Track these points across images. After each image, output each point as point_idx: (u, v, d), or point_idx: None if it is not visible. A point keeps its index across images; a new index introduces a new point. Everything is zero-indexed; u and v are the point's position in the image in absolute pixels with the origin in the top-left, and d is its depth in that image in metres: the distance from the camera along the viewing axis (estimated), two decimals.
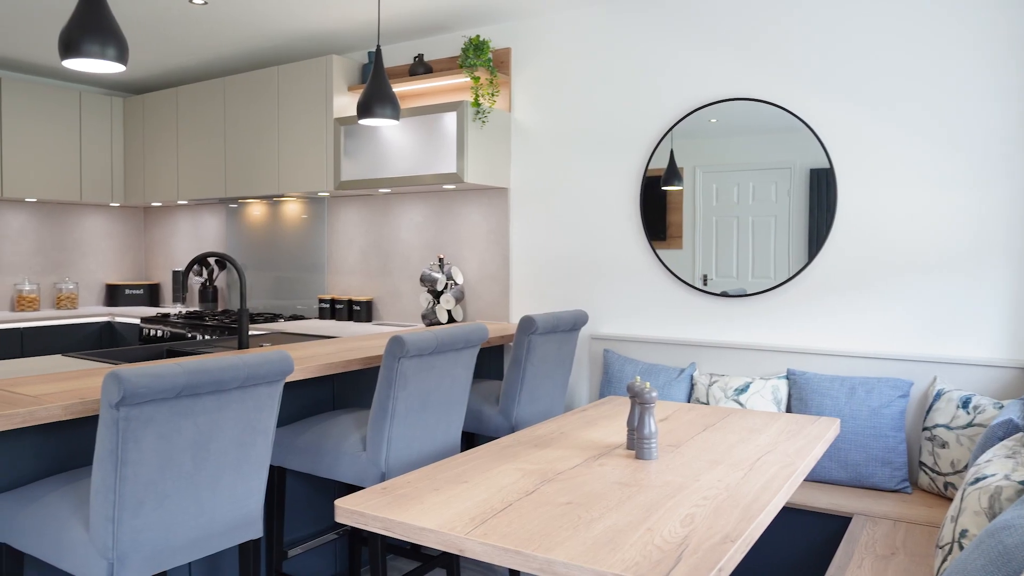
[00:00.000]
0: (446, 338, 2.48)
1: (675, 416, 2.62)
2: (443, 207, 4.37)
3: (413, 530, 1.57)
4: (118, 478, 1.72)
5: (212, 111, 5.02)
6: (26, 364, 2.82)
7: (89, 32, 2.16)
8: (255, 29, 4.27)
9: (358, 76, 4.49)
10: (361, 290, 4.74)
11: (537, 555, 1.41)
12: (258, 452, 2.02)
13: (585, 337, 3.91)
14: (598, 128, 3.85)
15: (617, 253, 3.81)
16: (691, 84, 3.58)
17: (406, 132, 3.97)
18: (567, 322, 3.20)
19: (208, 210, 5.69)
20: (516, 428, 3.10)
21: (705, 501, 1.71)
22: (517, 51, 4.10)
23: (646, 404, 2.05)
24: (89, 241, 5.89)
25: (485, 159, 3.91)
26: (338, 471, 2.52)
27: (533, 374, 3.11)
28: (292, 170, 4.53)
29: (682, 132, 3.61)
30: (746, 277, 3.48)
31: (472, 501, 1.69)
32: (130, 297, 5.82)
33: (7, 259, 5.42)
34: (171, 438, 1.79)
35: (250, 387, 1.93)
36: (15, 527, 1.95)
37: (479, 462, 2.01)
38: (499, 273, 4.16)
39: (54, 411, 1.90)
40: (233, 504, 1.99)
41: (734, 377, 3.31)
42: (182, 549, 1.89)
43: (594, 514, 1.62)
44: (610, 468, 1.97)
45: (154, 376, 1.69)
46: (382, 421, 2.41)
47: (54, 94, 5.28)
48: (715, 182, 3.56)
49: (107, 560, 1.75)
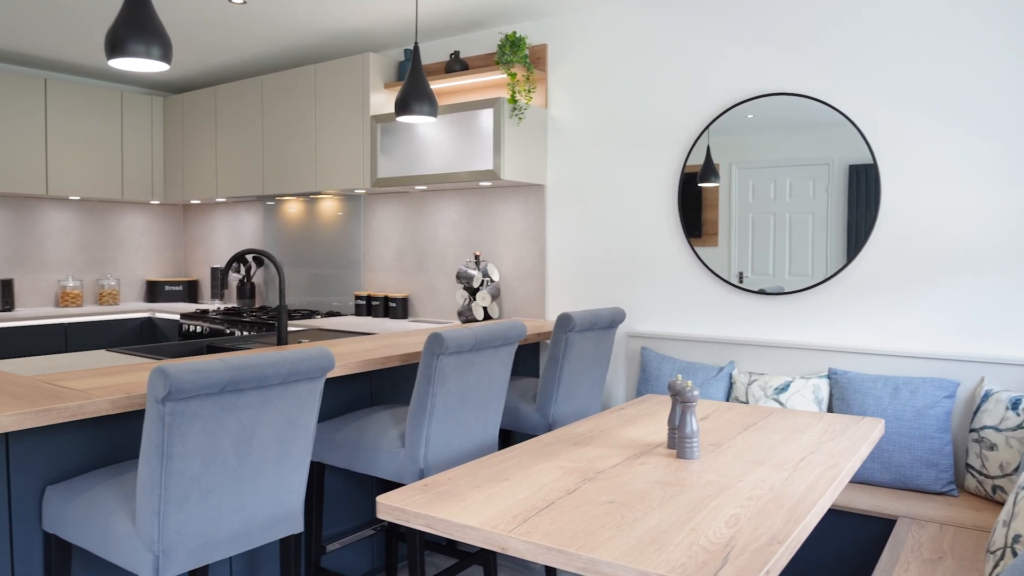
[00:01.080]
0: (485, 335, 2.48)
1: (715, 415, 2.59)
2: (479, 204, 4.37)
3: (455, 527, 1.56)
4: (164, 472, 1.74)
5: (250, 109, 5.07)
6: (71, 359, 2.87)
7: (134, 32, 2.19)
8: (292, 28, 4.31)
9: (394, 74, 4.51)
10: (397, 287, 4.75)
11: (581, 554, 1.40)
12: (299, 448, 2.03)
13: (622, 335, 3.89)
14: (635, 124, 3.82)
15: (654, 250, 3.78)
16: (730, 79, 3.54)
17: (442, 129, 3.97)
18: (605, 319, 3.18)
19: (246, 207, 5.76)
20: (553, 426, 3.09)
21: (749, 502, 1.69)
22: (553, 47, 4.08)
23: (688, 403, 2.03)
24: (130, 238, 5.99)
25: (521, 156, 3.90)
26: (376, 467, 2.52)
27: (570, 371, 3.09)
28: (329, 167, 4.56)
29: (719, 128, 3.56)
30: (783, 275, 3.44)
31: (514, 499, 1.69)
32: (169, 293, 5.91)
33: (52, 256, 5.53)
34: (215, 433, 1.80)
35: (292, 383, 1.94)
36: (64, 519, 1.98)
37: (519, 460, 2.00)
38: (535, 270, 4.15)
39: (101, 405, 1.93)
40: (275, 499, 2.00)
41: (774, 376, 3.26)
42: (225, 543, 1.91)
43: (637, 514, 1.60)
44: (651, 467, 1.95)
45: (199, 372, 1.71)
46: (421, 418, 2.41)
47: (97, 94, 5.37)
48: (752, 179, 3.51)
49: (152, 553, 1.77)
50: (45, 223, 5.50)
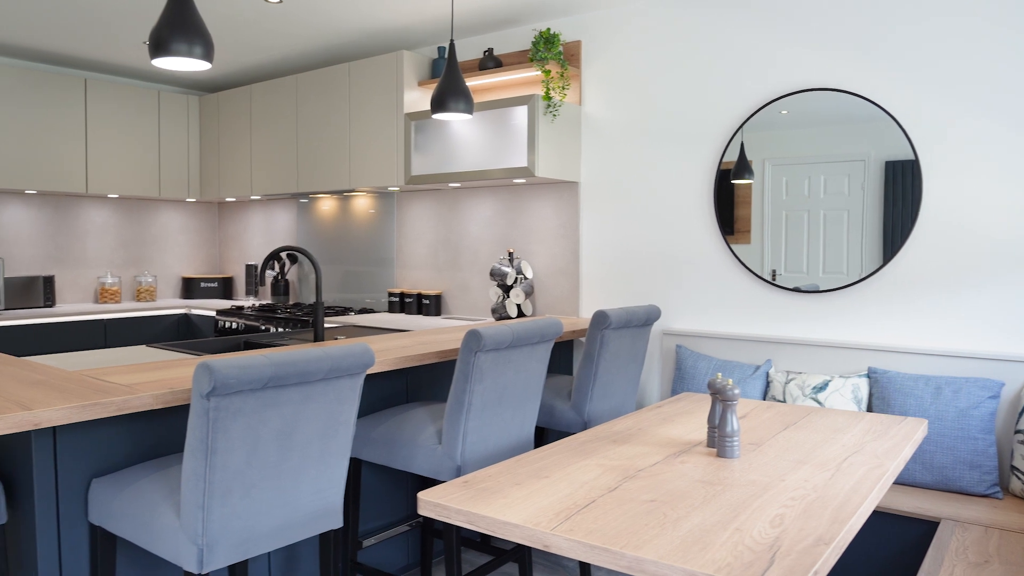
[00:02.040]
0: (522, 332, 2.47)
1: (753, 414, 2.56)
2: (512, 201, 4.37)
3: (497, 524, 1.56)
4: (208, 467, 1.76)
5: (285, 108, 5.11)
6: (114, 354, 2.92)
7: (177, 31, 2.21)
8: (327, 26, 4.34)
9: (428, 71, 4.52)
10: (430, 284, 4.77)
11: (626, 553, 1.39)
12: (339, 443, 2.05)
13: (656, 332, 3.86)
14: (669, 121, 3.80)
15: (689, 247, 3.75)
16: (766, 74, 3.50)
17: (476, 126, 3.97)
18: (640, 317, 3.17)
19: (280, 205, 5.81)
20: (588, 423, 3.08)
21: (793, 502, 1.67)
22: (587, 44, 4.07)
23: (728, 401, 2.01)
24: (166, 236, 6.07)
25: (556, 153, 3.89)
26: (414, 464, 2.53)
27: (606, 369, 3.08)
28: (363, 165, 4.59)
29: (752, 124, 3.53)
30: (817, 272, 3.39)
31: (555, 496, 1.68)
32: (205, 290, 5.98)
33: (91, 253, 5.63)
34: (258, 428, 1.82)
35: (333, 379, 1.95)
36: (109, 511, 2.01)
37: (558, 457, 2.00)
38: (569, 267, 4.14)
39: (146, 400, 1.96)
40: (315, 494, 2.02)
41: (812, 375, 3.22)
42: (267, 537, 1.92)
43: (679, 512, 1.59)
44: (691, 466, 1.94)
45: (243, 367, 1.73)
46: (458, 415, 2.42)
47: (135, 94, 5.45)
48: (785, 175, 3.47)
49: (197, 546, 1.79)
50: (85, 221, 5.59)
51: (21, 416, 1.73)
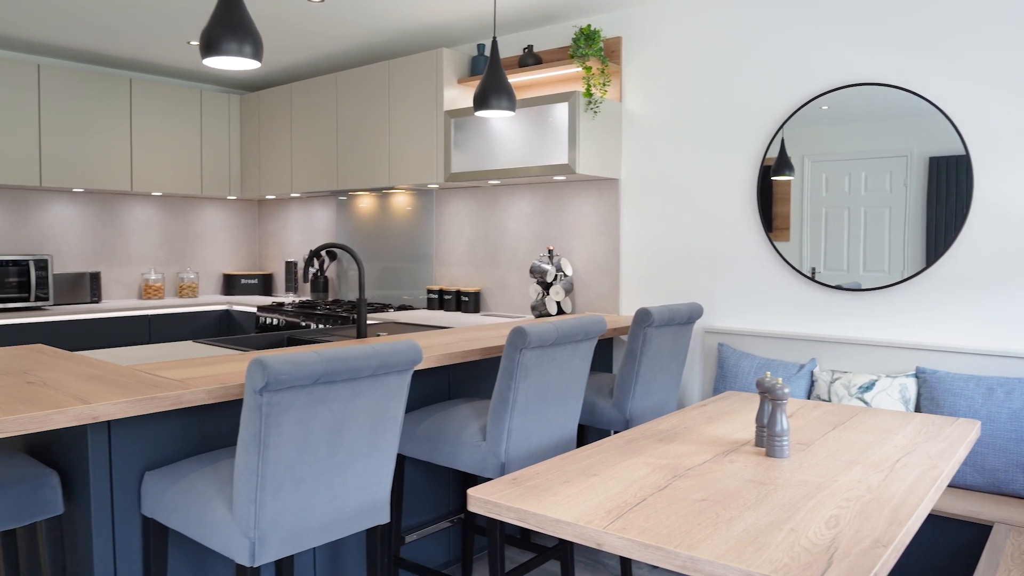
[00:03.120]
0: (566, 329, 2.47)
1: (800, 413, 2.53)
2: (552, 198, 4.36)
3: (548, 522, 1.56)
4: (260, 461, 1.78)
5: (324, 106, 5.15)
6: (164, 349, 2.97)
7: (228, 31, 2.24)
8: (367, 25, 4.36)
9: (467, 68, 4.53)
10: (469, 281, 4.78)
11: (680, 552, 1.38)
12: (387, 440, 2.06)
13: (698, 330, 3.83)
14: (711, 117, 3.76)
15: (731, 245, 3.71)
16: (811, 70, 3.45)
17: (516, 124, 3.97)
18: (683, 315, 3.14)
19: (319, 202, 5.86)
20: (630, 421, 3.06)
21: (847, 503, 1.64)
22: (628, 40, 4.04)
23: (778, 400, 1.99)
24: (208, 233, 6.16)
25: (596, 150, 3.88)
26: (458, 460, 2.54)
27: (648, 367, 3.06)
28: (402, 162, 4.61)
29: (792, 120, 3.49)
30: (857, 270, 3.34)
31: (605, 495, 1.68)
32: (245, 286, 6.06)
33: (135, 250, 5.73)
34: (308, 424, 1.84)
35: (382, 375, 1.97)
36: (162, 504, 2.05)
37: (605, 455, 1.99)
38: (608, 265, 4.13)
39: (199, 395, 1.99)
40: (363, 490, 2.03)
41: (857, 374, 3.17)
42: (316, 531, 1.94)
43: (732, 512, 1.57)
44: (741, 465, 1.92)
45: (295, 363, 1.74)
46: (503, 412, 2.42)
47: (178, 93, 5.53)
48: (825, 171, 3.42)
49: (249, 539, 1.82)
50: (129, 219, 5.69)
51: (80, 410, 1.77)
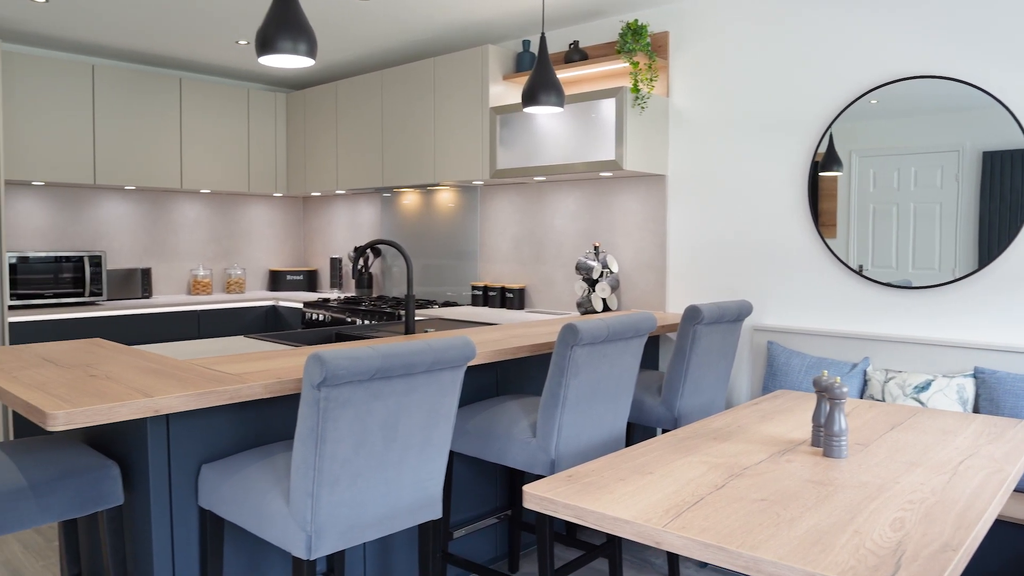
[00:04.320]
0: (617, 326, 2.46)
1: (855, 413, 2.49)
2: (598, 195, 4.34)
3: (607, 520, 1.55)
4: (317, 455, 1.80)
5: (370, 104, 5.19)
6: (216, 344, 3.02)
7: (283, 29, 2.26)
8: (412, 22, 4.38)
9: (512, 65, 4.52)
10: (513, 277, 4.78)
11: (742, 552, 1.36)
12: (440, 435, 2.07)
13: (746, 328, 3.79)
14: (760, 112, 3.71)
15: (780, 242, 3.66)
16: (862, 63, 3.38)
17: (562, 120, 3.96)
18: (732, 312, 3.11)
19: (363, 199, 5.91)
20: (679, 419, 3.04)
21: (912, 505, 1.61)
22: (675, 34, 4.00)
23: (836, 400, 1.95)
24: (254, 229, 6.25)
25: (643, 146, 3.85)
26: (507, 456, 2.54)
27: (697, 365, 3.03)
28: (448, 159, 4.63)
29: (840, 115, 3.42)
30: (906, 267, 3.27)
31: (662, 493, 1.66)
32: (291, 282, 6.13)
33: (184, 246, 5.83)
34: (364, 419, 1.85)
35: (436, 371, 1.97)
36: (218, 496, 2.08)
37: (659, 453, 1.97)
38: (655, 261, 4.09)
39: (256, 389, 2.02)
40: (416, 485, 2.05)
41: (912, 374, 3.11)
42: (371, 526, 1.96)
43: (793, 513, 1.55)
44: (798, 465, 1.89)
45: (352, 359, 1.76)
46: (553, 408, 2.41)
47: (226, 92, 5.62)
48: (872, 167, 3.36)
49: (306, 533, 1.84)
50: (179, 215, 5.80)
51: (143, 403, 1.81)
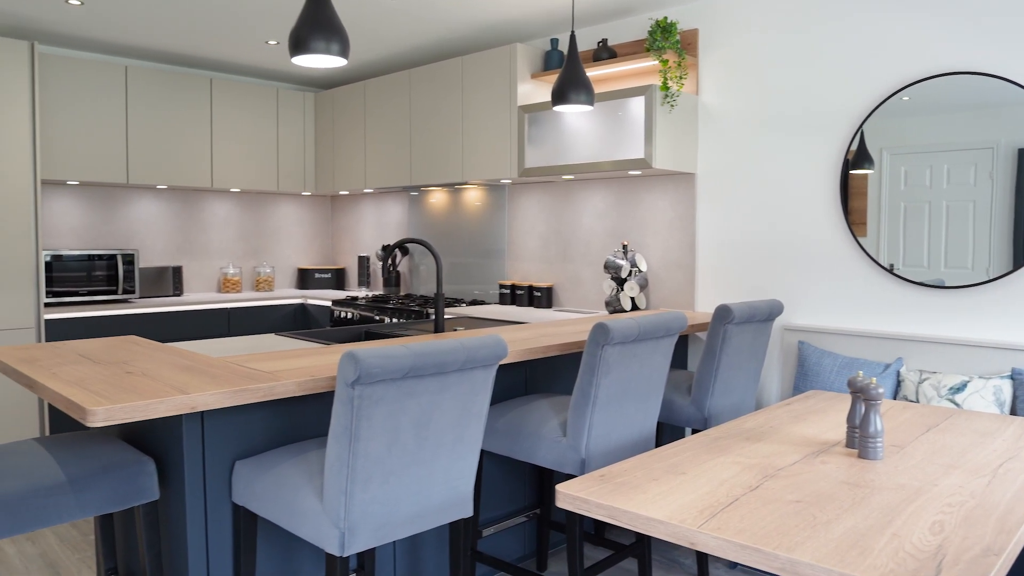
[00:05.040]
0: (648, 326, 2.45)
1: (890, 414, 2.46)
2: (626, 193, 4.32)
3: (640, 520, 1.55)
4: (351, 453, 1.81)
5: (398, 103, 5.21)
6: (248, 342, 3.05)
7: (316, 30, 2.28)
8: (440, 21, 4.39)
9: (540, 63, 4.52)
10: (541, 276, 4.78)
11: (779, 554, 1.35)
12: (472, 434, 2.07)
13: (777, 328, 3.75)
14: (792, 110, 3.67)
15: (811, 241, 3.62)
16: (896, 59, 3.33)
17: (591, 118, 3.95)
18: (763, 312, 3.08)
19: (391, 198, 5.94)
20: (708, 419, 3.02)
21: (951, 508, 1.59)
22: (705, 31, 3.98)
23: (872, 401, 1.93)
24: (283, 228, 6.30)
25: (672, 144, 3.83)
26: (537, 455, 2.54)
27: (727, 365, 3.01)
28: (476, 158, 4.63)
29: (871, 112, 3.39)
30: (938, 266, 3.22)
31: (695, 493, 1.65)
32: (319, 280, 6.18)
33: (215, 245, 5.90)
34: (397, 417, 1.86)
35: (468, 370, 1.98)
36: (252, 492, 2.10)
37: (692, 453, 1.96)
38: (684, 260, 4.07)
39: (289, 387, 2.03)
40: (448, 483, 2.05)
41: (948, 375, 3.06)
42: (403, 524, 1.97)
43: (829, 515, 1.54)
44: (833, 466, 1.87)
45: (385, 357, 1.77)
46: (584, 408, 2.41)
47: (255, 92, 5.67)
48: (904, 164, 3.31)
49: (339, 530, 1.85)
50: (209, 214, 5.86)
51: (180, 400, 1.83)
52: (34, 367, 2.23)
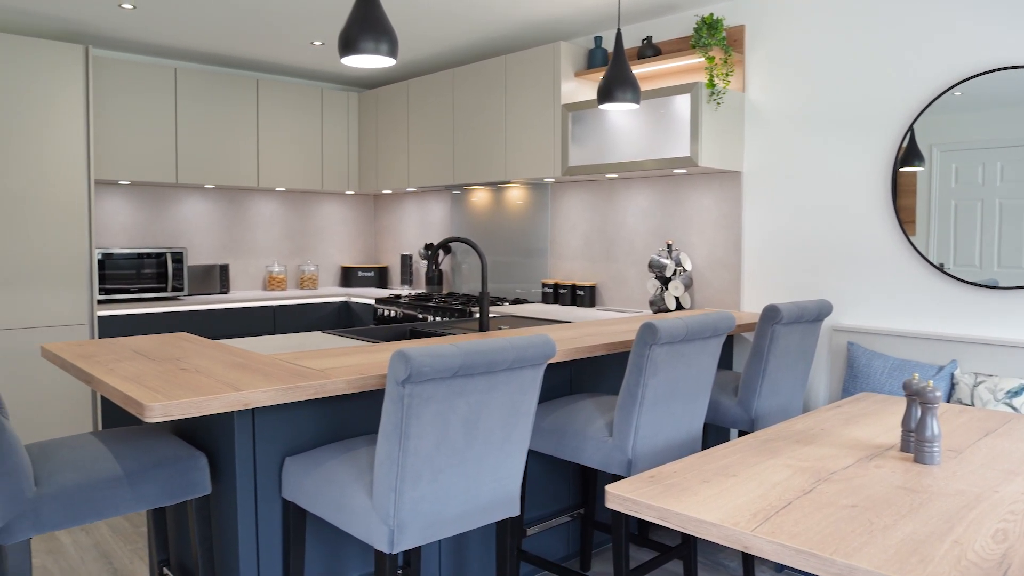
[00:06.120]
0: (695, 326, 2.42)
1: (945, 418, 2.40)
2: (671, 192, 4.29)
3: (692, 522, 1.53)
4: (401, 451, 1.83)
5: (441, 102, 5.23)
6: (296, 339, 3.08)
7: (365, 30, 2.30)
8: (483, 20, 4.40)
9: (584, 62, 4.50)
10: (584, 275, 4.77)
11: (836, 559, 1.33)
12: (520, 433, 2.07)
13: (825, 328, 3.69)
14: (841, 107, 3.60)
15: (861, 240, 3.55)
16: (949, 54, 3.25)
17: (635, 116, 3.92)
18: (811, 312, 3.04)
19: (433, 196, 5.97)
20: (755, 421, 2.99)
21: (1014, 516, 1.54)
22: (751, 27, 3.92)
23: (929, 404, 1.89)
24: (327, 227, 6.37)
25: (718, 142, 3.78)
26: (583, 455, 2.54)
27: (775, 366, 2.97)
28: (519, 157, 4.63)
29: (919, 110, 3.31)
30: (991, 266, 3.14)
31: (747, 496, 1.63)
32: (362, 279, 6.24)
33: (260, 243, 5.98)
34: (446, 416, 1.87)
35: (516, 369, 1.98)
36: (301, 488, 2.13)
37: (742, 455, 1.94)
38: (729, 259, 4.03)
39: (339, 385, 2.05)
40: (496, 482, 2.06)
41: (1005, 378, 2.99)
42: (451, 522, 1.98)
43: (886, 520, 1.51)
44: (888, 471, 1.83)
45: (436, 356, 1.77)
46: (631, 408, 2.40)
47: (300, 92, 5.74)
48: (955, 162, 3.23)
49: (388, 527, 1.86)
50: (255, 213, 5.95)
51: (233, 396, 1.86)
52: (91, 363, 2.28)
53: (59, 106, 4.37)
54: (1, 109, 4.19)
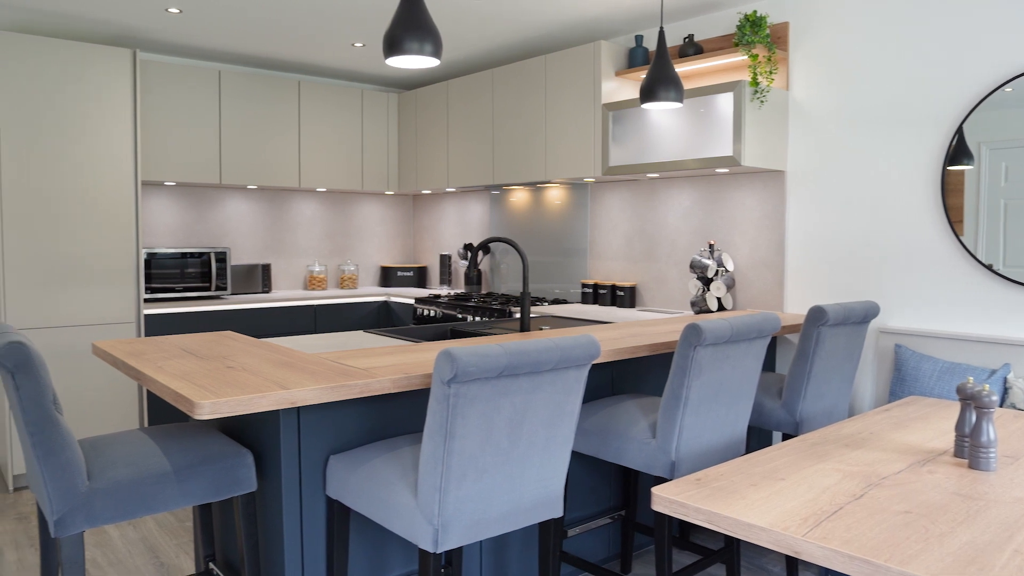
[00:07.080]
0: (740, 327, 2.39)
1: (1000, 423, 2.34)
2: (712, 191, 4.24)
3: (741, 526, 1.51)
4: (446, 451, 1.83)
5: (480, 102, 5.24)
6: (339, 339, 3.11)
7: (410, 31, 2.31)
8: (523, 20, 4.39)
9: (625, 61, 4.48)
10: (624, 275, 4.74)
11: (891, 567, 1.30)
12: (564, 433, 2.07)
13: (871, 330, 3.63)
14: (887, 104, 3.53)
15: (909, 240, 3.48)
16: (1000, 50, 3.17)
17: (676, 115, 3.89)
18: (858, 314, 2.98)
19: (472, 196, 5.98)
20: (800, 423, 2.94)
21: None
22: (795, 25, 3.87)
23: (985, 409, 1.84)
24: (367, 227, 6.42)
25: (761, 141, 3.74)
26: (625, 456, 2.52)
27: (821, 368, 2.93)
28: (559, 156, 4.62)
29: (969, 107, 3.22)
30: None
31: (797, 500, 1.61)
32: (401, 279, 6.27)
33: (301, 243, 6.05)
34: (491, 416, 1.87)
35: (561, 369, 1.97)
36: (345, 486, 2.14)
37: (790, 459, 1.91)
38: (772, 260, 3.97)
39: (384, 384, 2.07)
40: (539, 483, 2.05)
41: None
42: (495, 522, 1.98)
43: (942, 527, 1.47)
44: (942, 476, 1.79)
45: (481, 356, 1.78)
46: (675, 409, 2.38)
47: (341, 93, 5.79)
48: (1004, 160, 3.14)
49: (432, 526, 1.87)
50: (296, 213, 6.02)
51: (280, 395, 1.88)
52: (142, 360, 2.33)
53: (107, 109, 4.46)
54: (52, 112, 4.29)
